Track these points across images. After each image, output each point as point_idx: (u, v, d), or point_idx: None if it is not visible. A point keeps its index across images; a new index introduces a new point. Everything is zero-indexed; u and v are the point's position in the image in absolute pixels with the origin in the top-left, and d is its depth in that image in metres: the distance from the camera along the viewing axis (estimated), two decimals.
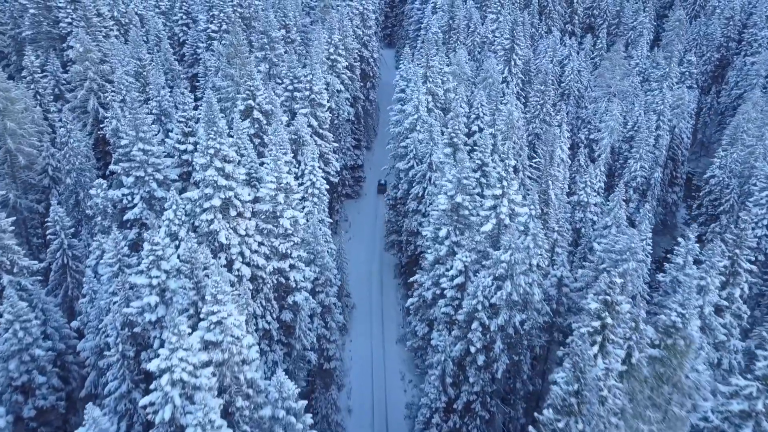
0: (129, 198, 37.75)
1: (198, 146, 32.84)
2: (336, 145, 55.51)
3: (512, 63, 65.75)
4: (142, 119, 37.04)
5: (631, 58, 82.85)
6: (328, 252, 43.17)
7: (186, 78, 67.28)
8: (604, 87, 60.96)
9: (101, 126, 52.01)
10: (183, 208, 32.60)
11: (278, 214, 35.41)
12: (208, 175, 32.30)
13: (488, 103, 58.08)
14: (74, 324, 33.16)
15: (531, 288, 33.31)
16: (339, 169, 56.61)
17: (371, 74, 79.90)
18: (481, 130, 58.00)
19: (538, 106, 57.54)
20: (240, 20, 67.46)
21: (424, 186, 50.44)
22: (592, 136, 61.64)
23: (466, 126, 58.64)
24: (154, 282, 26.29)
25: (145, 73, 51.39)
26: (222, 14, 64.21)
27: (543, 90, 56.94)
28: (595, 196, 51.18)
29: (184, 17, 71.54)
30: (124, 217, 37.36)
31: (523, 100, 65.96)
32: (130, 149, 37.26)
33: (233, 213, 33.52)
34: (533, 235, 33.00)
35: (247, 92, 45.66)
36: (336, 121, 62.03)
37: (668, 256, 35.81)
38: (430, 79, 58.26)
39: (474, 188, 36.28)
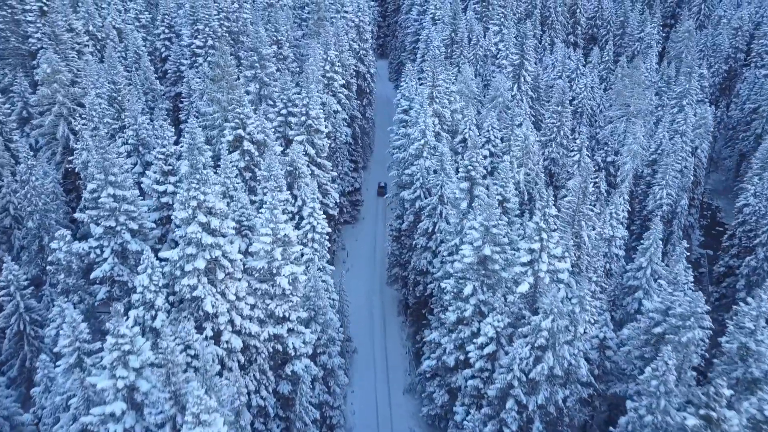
0: (98, 251, 31.67)
1: (178, 195, 26.85)
2: (335, 174, 49.70)
3: (521, 80, 60.36)
4: (112, 159, 30.98)
5: (636, 70, 77.99)
6: (330, 303, 37.37)
7: (168, 98, 61.20)
8: (622, 106, 55.86)
9: (72, 156, 45.80)
10: (160, 272, 26.65)
11: (274, 271, 29.53)
12: (190, 233, 26.36)
13: (499, 124, 52.65)
14: (27, 417, 27.00)
15: (576, 360, 27.71)
16: (338, 200, 50.75)
17: (368, 90, 74.18)
18: (492, 155, 52.59)
19: (555, 128, 52.18)
20: (227, 35, 61.49)
21: (434, 221, 44.74)
22: (609, 159, 56.38)
23: None
24: (120, 384, 20.31)
25: (120, 98, 45.19)
26: (207, 29, 58.12)
27: (560, 111, 51.58)
28: (622, 228, 45.80)
29: (167, 31, 65.30)
30: (92, 275, 31.26)
31: (532, 118, 60.56)
32: (99, 194, 31.20)
33: (221, 275, 27.59)
34: (579, 298, 27.46)
35: (236, 120, 39.73)
36: (333, 145, 56.21)
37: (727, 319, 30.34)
38: (437, 100, 52.65)
39: (503, 236, 30.63)
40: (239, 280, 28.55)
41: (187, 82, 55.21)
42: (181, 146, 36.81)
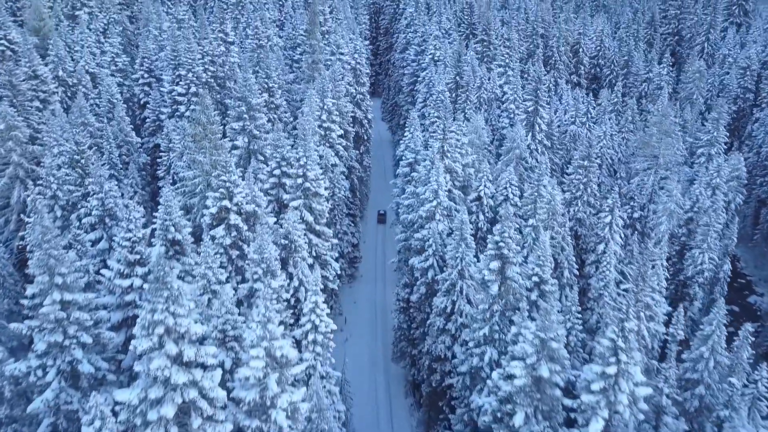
0: (39, 372, 24.09)
1: (139, 318, 19.53)
2: (335, 241, 42.60)
3: (536, 128, 54.19)
4: (60, 256, 23.65)
5: (649, 114, 72.63)
6: (335, 416, 29.93)
7: (146, 149, 54.08)
8: (649, 157, 49.94)
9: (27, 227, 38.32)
10: (114, 424, 19.17)
11: (269, 403, 22.14)
12: (155, 369, 19.02)
13: (518, 180, 46.24)
14: None
15: None
16: (338, 271, 43.59)
17: (365, 137, 67.72)
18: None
19: (580, 185, 45.87)
20: (213, 80, 54.80)
21: (453, 299, 37.67)
22: (636, 215, 50.02)
23: (491, 210, 46.58)
24: None
25: (83, 161, 37.96)
26: (191, 74, 51.34)
27: (586, 165, 45.32)
28: (664, 303, 39.06)
29: (146, 75, 58.51)
30: (29, 408, 23.57)
31: (548, 170, 54.17)
32: (42, 300, 23.77)
33: (197, 421, 20.17)
34: None
35: (221, 190, 32.63)
36: (331, 202, 49.28)
37: None
38: (448, 154, 46.11)
39: (563, 347, 23.63)
40: (222, 421, 21.10)
41: (167, 134, 48.24)
42: (156, 224, 29.66)
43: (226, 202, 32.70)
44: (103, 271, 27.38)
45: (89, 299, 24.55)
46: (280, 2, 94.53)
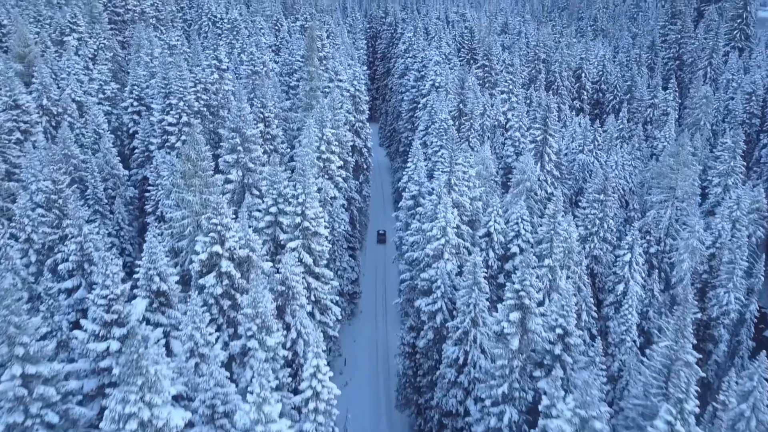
0: None
1: (107, 411, 16.08)
2: (336, 283, 39.21)
3: (545, 158, 51.35)
4: (22, 323, 20.23)
5: (656, 140, 70.24)
6: None
7: (134, 182, 50.85)
8: (665, 189, 47.16)
9: None
10: None
11: None
12: None
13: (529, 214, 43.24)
14: None
15: None
16: (339, 315, 40.17)
17: (365, 165, 64.79)
18: (521, 251, 42.90)
19: (596, 220, 42.91)
20: (205, 109, 51.85)
21: (465, 349, 34.29)
22: (652, 250, 46.95)
23: (502, 246, 43.46)
24: None
25: (61, 200, 34.61)
26: (182, 103, 48.33)
27: (602, 200, 42.41)
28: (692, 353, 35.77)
29: (136, 104, 55.52)
30: None
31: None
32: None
33: None
34: None
35: (212, 234, 29.36)
36: (331, 237, 46.01)
37: None
38: (456, 188, 43.08)
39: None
40: None
41: (156, 166, 45.08)
42: (135, 280, 26.33)
43: (217, 248, 29.40)
44: (75, 332, 23.89)
45: (56, 370, 21.07)
46: (276, 27, 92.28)
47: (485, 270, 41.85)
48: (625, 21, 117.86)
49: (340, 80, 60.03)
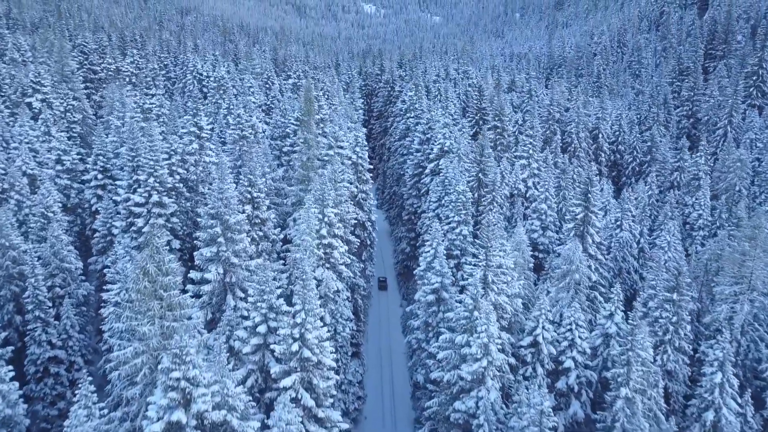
0: None
1: None
2: (344, 427, 28.92)
3: (587, 240, 42.42)
4: None
5: (686, 207, 62.16)
6: None
7: (93, 274, 40.98)
8: (738, 278, 38.53)
9: None
10: None
11: None
12: None
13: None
14: None
15: None
16: None
17: (368, 242, 55.54)
18: (577, 364, 33.43)
19: (668, 325, 33.74)
20: (181, 184, 42.64)
21: None
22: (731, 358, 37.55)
23: (553, 359, 33.87)
24: None
25: None
26: (153, 179, 39.09)
27: (676, 300, 33.34)
28: None
29: (100, 176, 46.28)
30: None
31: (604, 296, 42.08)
32: None
33: None
34: None
35: (173, 395, 19.48)
36: (333, 342, 36.04)
37: None
38: (494, 286, 33.74)
39: None
40: None
41: (115, 261, 35.37)
42: None
43: (179, 415, 19.47)
44: None
45: None
46: (267, 85, 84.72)
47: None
48: (628, 77, 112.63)
49: (341, 147, 51.44)
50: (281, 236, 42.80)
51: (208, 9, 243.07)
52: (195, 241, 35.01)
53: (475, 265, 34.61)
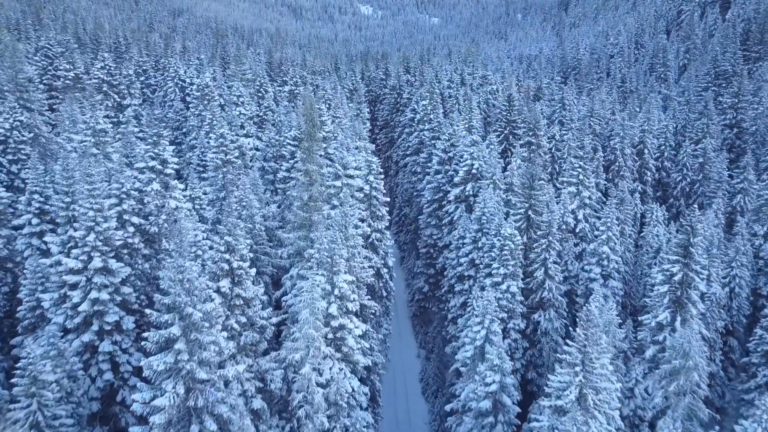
0: None
1: None
2: None
3: (689, 310, 30.62)
4: None
5: (755, 237, 50.69)
6: None
7: (14, 358, 28.98)
8: None
9: None
10: None
11: None
12: None
13: None
14: None
15: None
16: None
17: (384, 292, 43.64)
18: None
19: None
20: (139, 236, 30.57)
21: None
22: None
23: None
24: None
25: None
26: (93, 236, 27.02)
27: None
28: None
29: (36, 221, 34.08)
30: None
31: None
32: None
33: None
34: None
35: None
36: None
37: None
38: (597, 408, 22.00)
39: None
40: None
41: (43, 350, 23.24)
42: None
43: None
44: None
45: None
46: (260, 93, 72.63)
47: None
48: (654, 81, 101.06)
49: (350, 177, 39.51)
50: (273, 303, 31.04)
51: (202, 11, 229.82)
52: (150, 321, 23.23)
53: (574, 384, 22.69)
